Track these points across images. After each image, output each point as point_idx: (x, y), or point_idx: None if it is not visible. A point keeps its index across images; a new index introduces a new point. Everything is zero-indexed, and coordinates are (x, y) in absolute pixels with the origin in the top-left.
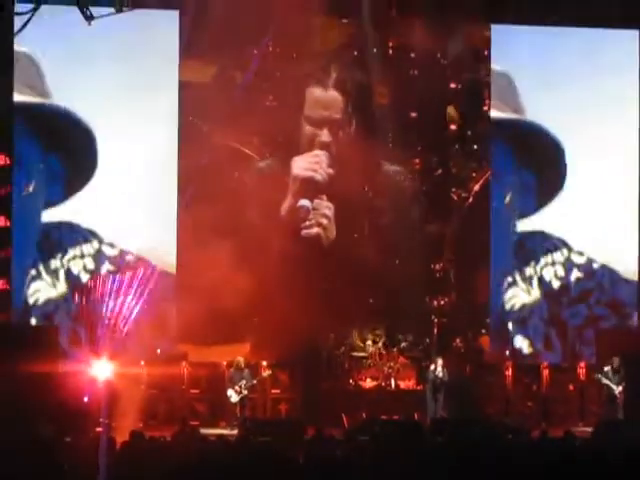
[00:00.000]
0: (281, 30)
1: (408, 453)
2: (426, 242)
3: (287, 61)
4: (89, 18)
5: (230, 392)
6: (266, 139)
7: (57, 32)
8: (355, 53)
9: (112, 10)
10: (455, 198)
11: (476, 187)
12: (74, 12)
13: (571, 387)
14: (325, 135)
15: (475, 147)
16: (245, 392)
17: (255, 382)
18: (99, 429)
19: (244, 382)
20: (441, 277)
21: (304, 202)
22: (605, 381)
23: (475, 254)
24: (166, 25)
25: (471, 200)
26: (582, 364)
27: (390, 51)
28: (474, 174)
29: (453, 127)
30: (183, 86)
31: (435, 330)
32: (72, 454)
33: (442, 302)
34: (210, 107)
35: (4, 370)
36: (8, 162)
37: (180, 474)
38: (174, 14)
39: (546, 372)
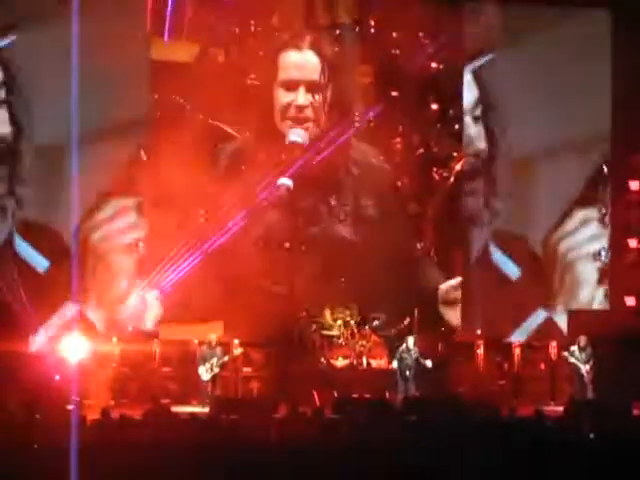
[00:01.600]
0: (262, 10)
1: (379, 432)
2: (406, 221)
3: (269, 40)
4: None
5: (201, 370)
6: (247, 117)
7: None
8: (337, 32)
9: None
10: (437, 177)
11: (457, 166)
12: None
13: (542, 366)
14: (301, 97)
15: (457, 127)
16: (216, 370)
17: (226, 360)
18: (70, 407)
19: (215, 360)
20: (422, 256)
21: (284, 180)
22: (572, 360)
23: (455, 233)
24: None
25: (452, 180)
26: (554, 343)
27: (372, 30)
28: (455, 154)
29: (435, 107)
30: (162, 65)
31: (415, 309)
32: (43, 432)
33: (422, 281)
34: (193, 86)
35: None
36: None
37: (151, 452)
38: None
39: (517, 351)
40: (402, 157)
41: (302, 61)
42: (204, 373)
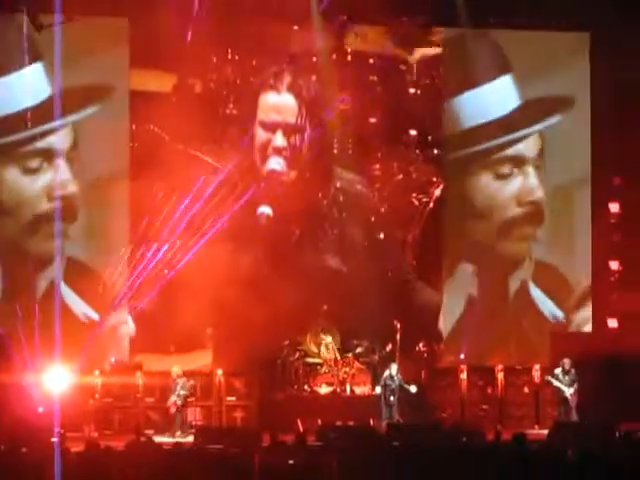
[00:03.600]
0: (239, 38)
1: (363, 458)
2: (386, 248)
3: (246, 69)
4: (39, 27)
5: (169, 403)
6: (225, 147)
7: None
8: (314, 59)
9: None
10: (416, 203)
11: (437, 192)
12: None
13: (526, 389)
14: (279, 139)
15: (435, 152)
16: (179, 402)
17: (185, 393)
18: (54, 439)
19: (177, 392)
20: (403, 282)
21: (264, 209)
22: (556, 383)
23: (435, 259)
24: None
25: (432, 205)
26: (537, 366)
27: (349, 57)
28: (435, 179)
29: (413, 132)
30: (138, 95)
31: (398, 335)
32: (27, 465)
33: (403, 307)
34: (171, 116)
35: None
36: None
37: None
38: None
39: (501, 375)
40: (382, 183)
41: (280, 104)
42: (171, 406)
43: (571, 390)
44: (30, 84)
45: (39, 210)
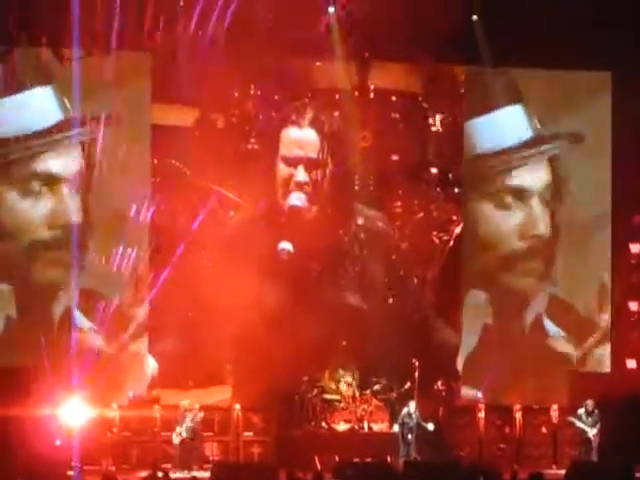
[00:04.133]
0: (261, 73)
1: None
2: (407, 285)
3: (268, 104)
4: (62, 59)
5: (174, 435)
6: (247, 182)
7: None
8: (336, 96)
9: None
10: (437, 241)
11: (457, 230)
12: None
13: (544, 429)
14: (301, 174)
15: (456, 190)
16: (184, 435)
17: (192, 426)
18: (71, 473)
19: (184, 426)
20: (422, 320)
21: (285, 245)
22: (579, 424)
23: (454, 297)
24: (138, 68)
25: (452, 243)
26: (555, 406)
27: (371, 94)
28: (455, 217)
29: (434, 170)
30: (160, 130)
31: (416, 373)
32: None
33: (422, 345)
34: (192, 151)
35: None
36: None
37: None
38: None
39: (519, 414)
40: (402, 221)
41: (303, 138)
42: (175, 437)
43: (594, 431)
44: (38, 107)
45: (37, 236)
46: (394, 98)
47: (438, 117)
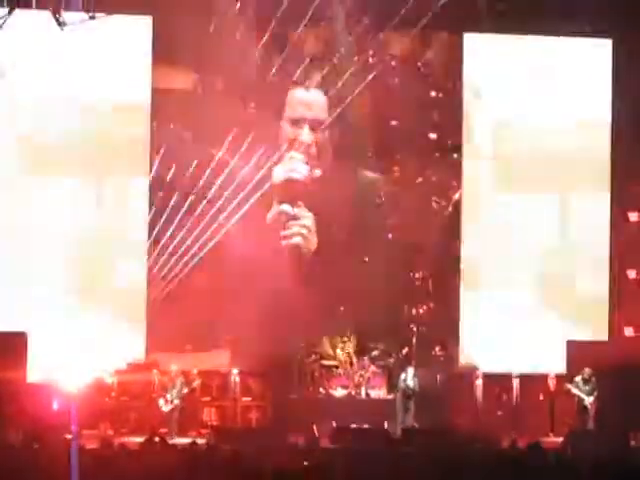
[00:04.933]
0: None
1: (377, 462)
2: (404, 251)
3: (270, 68)
4: (62, 24)
5: (161, 401)
6: (248, 146)
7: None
8: (335, 60)
9: (85, 17)
10: (435, 207)
11: (456, 196)
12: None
13: (541, 397)
14: (306, 134)
15: (455, 156)
16: (176, 402)
17: (185, 392)
18: (69, 436)
19: (175, 391)
20: (420, 286)
21: (285, 207)
22: (576, 391)
23: (453, 263)
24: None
25: (451, 209)
26: (552, 374)
27: (370, 59)
28: (454, 183)
29: (433, 136)
30: (159, 93)
31: (414, 339)
32: (41, 461)
33: (421, 311)
34: (192, 114)
35: None
36: None
37: None
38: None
39: (516, 382)
40: (401, 185)
41: (309, 99)
42: (163, 404)
43: (591, 399)
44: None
45: None
46: (393, 63)
47: (438, 83)
